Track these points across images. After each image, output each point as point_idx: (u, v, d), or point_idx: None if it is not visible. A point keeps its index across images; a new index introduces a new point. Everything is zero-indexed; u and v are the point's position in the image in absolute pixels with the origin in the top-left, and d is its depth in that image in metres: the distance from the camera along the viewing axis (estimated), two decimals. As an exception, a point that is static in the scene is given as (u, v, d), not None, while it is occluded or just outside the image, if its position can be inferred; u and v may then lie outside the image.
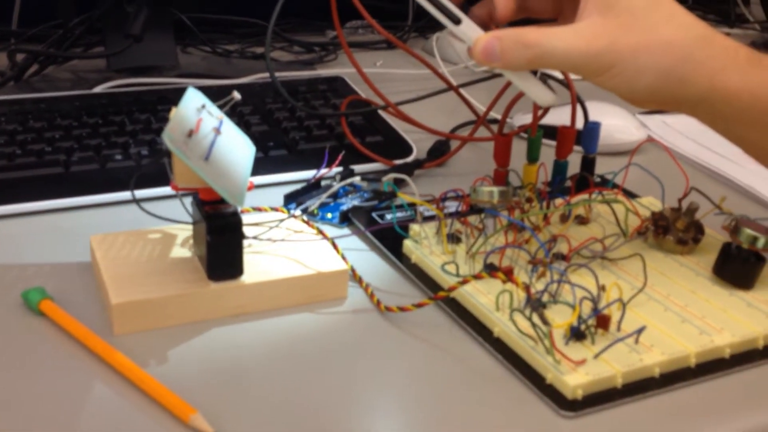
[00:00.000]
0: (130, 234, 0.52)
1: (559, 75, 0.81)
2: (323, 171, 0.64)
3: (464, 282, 0.47)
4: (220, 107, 0.50)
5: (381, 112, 0.77)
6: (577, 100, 0.64)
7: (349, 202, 0.61)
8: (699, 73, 0.47)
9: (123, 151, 0.66)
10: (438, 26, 1.16)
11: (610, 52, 0.46)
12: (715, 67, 0.47)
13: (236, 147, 0.49)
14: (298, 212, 0.55)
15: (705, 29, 0.48)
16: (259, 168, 0.57)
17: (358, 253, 0.56)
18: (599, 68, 0.47)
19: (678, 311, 0.49)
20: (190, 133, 0.45)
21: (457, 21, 0.49)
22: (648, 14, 0.47)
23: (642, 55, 0.46)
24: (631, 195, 0.64)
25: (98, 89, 0.83)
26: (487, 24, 0.52)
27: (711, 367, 0.45)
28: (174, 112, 0.46)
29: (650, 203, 0.62)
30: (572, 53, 0.46)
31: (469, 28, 0.49)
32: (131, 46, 0.85)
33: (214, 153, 0.45)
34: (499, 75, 0.92)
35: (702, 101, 0.48)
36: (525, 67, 0.48)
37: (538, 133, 0.62)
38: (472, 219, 0.56)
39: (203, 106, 0.48)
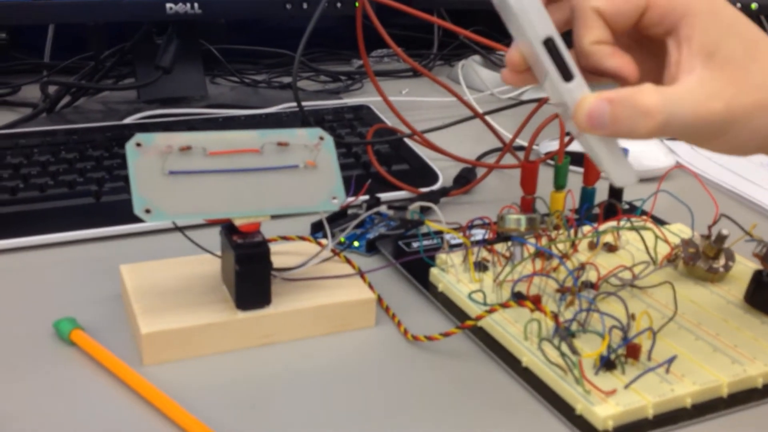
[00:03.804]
0: (160, 264, 0.53)
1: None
2: (350, 199, 0.64)
3: (492, 311, 0.46)
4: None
5: (407, 140, 0.77)
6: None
7: (375, 231, 0.61)
8: None
9: (153, 181, 0.67)
10: (463, 54, 1.18)
11: (726, 115, 0.39)
12: None
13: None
14: (325, 241, 0.55)
15: None
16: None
17: (385, 282, 0.56)
18: (712, 134, 0.40)
19: (709, 340, 0.48)
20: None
21: (569, 77, 0.41)
22: (751, 63, 0.40)
23: (756, 116, 0.40)
24: (660, 222, 0.63)
25: (129, 120, 0.84)
26: None
27: (744, 397, 0.44)
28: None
29: (680, 230, 0.62)
30: (696, 120, 0.39)
31: (577, 88, 0.41)
32: (161, 78, 0.87)
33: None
34: (526, 102, 0.92)
35: None
36: (642, 138, 0.40)
37: (565, 159, 0.62)
38: (499, 247, 0.56)
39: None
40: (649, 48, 0.43)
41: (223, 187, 0.47)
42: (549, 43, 0.40)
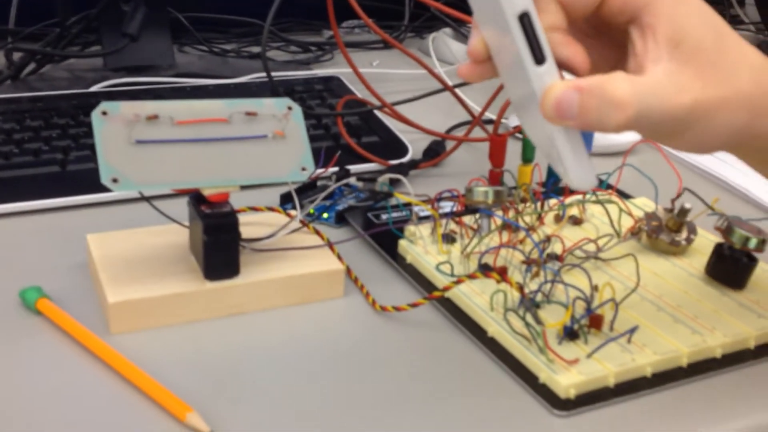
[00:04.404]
0: (127, 233, 0.52)
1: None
2: (319, 171, 0.64)
3: (459, 282, 0.47)
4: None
5: (377, 112, 0.77)
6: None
7: (345, 202, 0.62)
8: None
9: (120, 150, 0.66)
10: (434, 26, 1.17)
11: (693, 111, 0.37)
12: None
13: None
14: (294, 212, 0.55)
15: None
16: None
17: (354, 253, 0.56)
18: (677, 130, 0.38)
19: (670, 311, 0.49)
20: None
21: (541, 60, 0.37)
22: (720, 56, 0.38)
23: (721, 112, 0.38)
24: (624, 196, 0.64)
25: (95, 88, 0.83)
26: None
27: (703, 366, 0.46)
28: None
29: (644, 204, 0.63)
30: (664, 114, 0.36)
31: (548, 72, 0.37)
32: (128, 45, 0.85)
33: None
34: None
35: (764, 150, 0.42)
36: (611, 132, 0.37)
37: (532, 133, 0.62)
38: (467, 219, 0.57)
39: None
40: (610, 37, 0.41)
41: (191, 157, 0.47)
42: (524, 19, 0.36)
